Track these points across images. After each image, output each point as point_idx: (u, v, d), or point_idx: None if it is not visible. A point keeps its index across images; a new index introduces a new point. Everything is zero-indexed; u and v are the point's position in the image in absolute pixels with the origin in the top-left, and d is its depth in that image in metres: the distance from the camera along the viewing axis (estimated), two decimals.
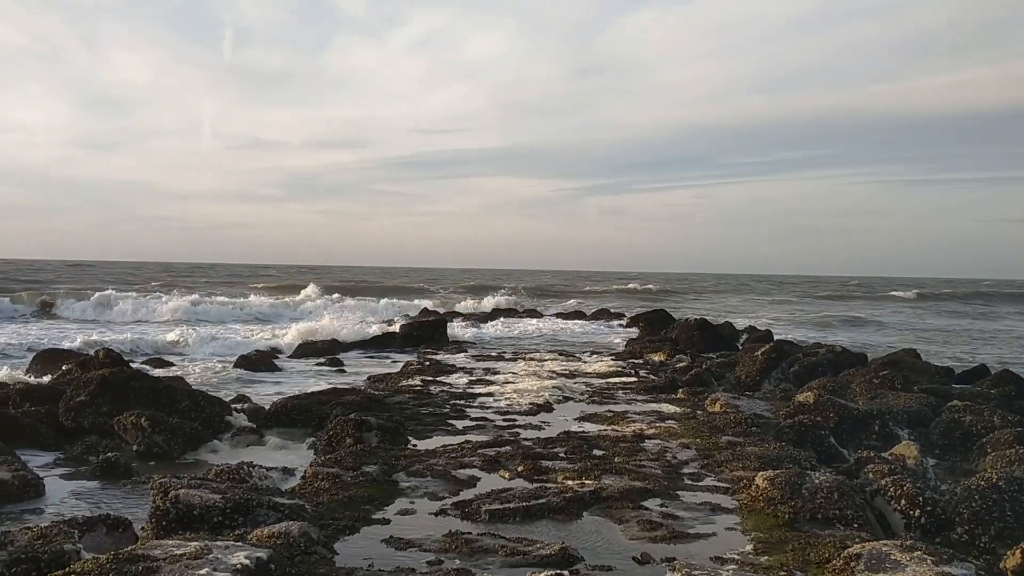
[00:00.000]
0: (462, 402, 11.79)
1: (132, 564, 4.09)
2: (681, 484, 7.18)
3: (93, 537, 5.37)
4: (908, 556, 4.61)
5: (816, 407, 9.89)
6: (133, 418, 8.98)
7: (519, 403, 11.63)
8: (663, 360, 18.19)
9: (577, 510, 6.27)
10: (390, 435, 8.81)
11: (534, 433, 9.53)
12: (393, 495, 6.70)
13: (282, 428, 10.06)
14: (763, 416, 10.46)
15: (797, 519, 5.92)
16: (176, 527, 5.30)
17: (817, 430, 9.00)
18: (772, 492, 6.19)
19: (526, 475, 7.38)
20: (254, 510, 5.56)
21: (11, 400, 10.36)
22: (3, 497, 6.80)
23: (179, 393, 10.17)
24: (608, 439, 9.06)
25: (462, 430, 9.70)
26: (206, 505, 5.46)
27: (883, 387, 11.94)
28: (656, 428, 9.85)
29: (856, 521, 5.87)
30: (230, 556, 4.31)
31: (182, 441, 8.97)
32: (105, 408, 9.56)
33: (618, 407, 11.57)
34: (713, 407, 11.22)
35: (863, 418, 9.75)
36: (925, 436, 9.69)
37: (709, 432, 9.45)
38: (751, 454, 7.98)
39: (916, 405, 10.71)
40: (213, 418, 9.72)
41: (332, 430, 8.84)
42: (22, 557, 4.49)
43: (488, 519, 6.01)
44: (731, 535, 5.78)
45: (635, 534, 5.76)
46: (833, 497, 6.03)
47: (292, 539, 4.98)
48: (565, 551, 5.15)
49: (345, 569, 4.83)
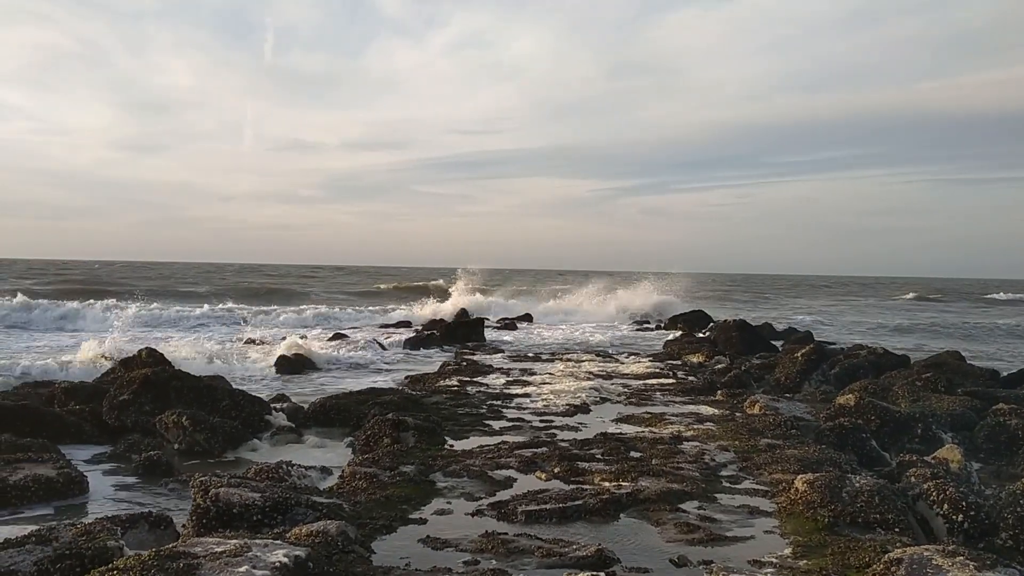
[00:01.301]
0: (499, 403, 11.81)
1: (173, 561, 4.15)
2: (719, 487, 7.13)
3: (135, 534, 5.45)
4: (950, 561, 4.53)
5: (857, 410, 9.75)
6: (175, 417, 9.11)
7: (556, 404, 11.61)
8: (701, 361, 18.07)
9: (614, 512, 6.25)
10: (427, 435, 8.84)
11: (571, 434, 9.51)
12: (430, 495, 6.72)
13: (321, 427, 10.15)
14: (803, 418, 10.34)
15: (837, 523, 5.85)
16: (216, 525, 5.37)
17: (858, 433, 8.87)
18: (812, 495, 6.11)
19: (562, 476, 7.37)
20: (292, 509, 5.62)
21: (56, 398, 10.57)
22: (48, 494, 6.93)
23: (220, 392, 10.30)
24: (645, 441, 9.02)
25: (499, 431, 9.72)
26: (245, 503, 5.52)
27: (926, 389, 11.73)
28: (694, 430, 9.78)
29: (897, 525, 5.77)
30: (269, 554, 4.35)
31: (222, 440, 9.08)
32: (147, 407, 9.72)
33: (655, 408, 11.51)
34: (752, 409, 11.12)
35: (905, 421, 9.60)
36: (969, 440, 9.51)
37: (748, 434, 9.36)
38: (790, 457, 7.90)
39: (960, 408, 10.51)
40: (253, 417, 9.83)
41: (370, 430, 8.90)
42: (66, 553, 4.58)
43: (524, 520, 6.01)
44: (769, 538, 5.73)
45: (672, 536, 5.73)
46: (874, 501, 5.95)
47: (330, 538, 5.02)
48: (601, 552, 5.14)
49: (382, 568, 4.86)
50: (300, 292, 51.30)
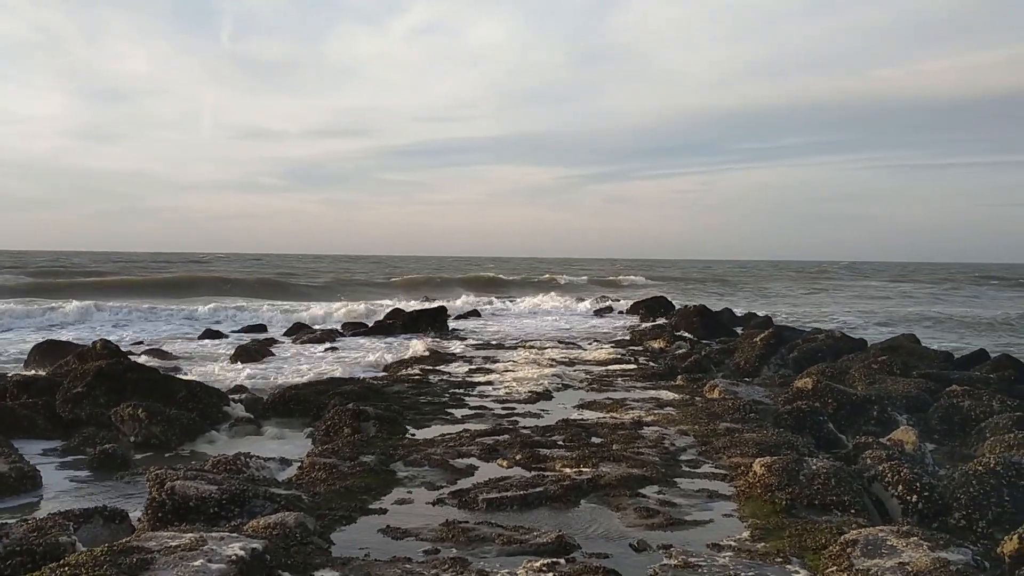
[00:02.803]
0: (461, 391, 11.79)
1: (126, 556, 4.08)
2: (679, 471, 7.18)
3: (89, 529, 5.36)
4: (904, 542, 4.60)
5: (814, 393, 9.87)
6: (130, 409, 8.97)
7: (518, 391, 11.62)
8: (663, 347, 18.18)
9: (575, 498, 6.27)
10: (388, 425, 8.80)
11: (533, 421, 9.52)
12: (390, 485, 6.69)
13: (280, 418, 10.06)
14: (762, 402, 10.45)
15: (794, 505, 5.91)
16: (172, 518, 5.30)
17: (815, 416, 8.98)
18: (769, 478, 6.17)
19: (524, 463, 7.37)
20: (250, 501, 5.56)
21: (8, 392, 10.34)
22: (0, 490, 6.79)
23: (176, 384, 10.15)
24: (606, 426, 9.05)
25: (461, 419, 9.70)
26: (202, 496, 5.45)
27: (882, 372, 11.92)
28: (655, 415, 9.84)
29: (853, 507, 5.85)
30: (225, 547, 4.30)
31: (179, 432, 8.95)
32: (102, 399, 9.55)
33: (617, 394, 11.56)
34: (712, 393, 11.21)
35: (861, 404, 9.73)
36: (924, 421, 9.68)
37: (707, 419, 9.43)
38: (749, 440, 7.97)
39: (915, 390, 10.70)
40: (211, 408, 9.71)
41: (330, 420, 8.83)
42: (17, 550, 4.49)
43: (485, 508, 6.00)
44: (728, 522, 5.78)
45: (632, 521, 5.75)
46: (830, 483, 6.02)
47: (288, 530, 4.97)
48: (562, 539, 5.15)
49: (341, 559, 4.82)
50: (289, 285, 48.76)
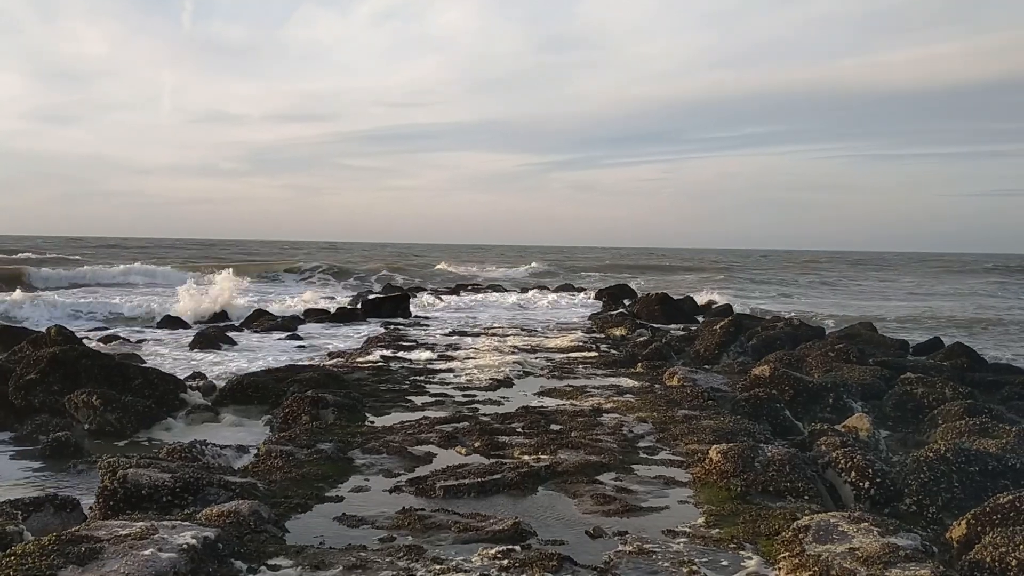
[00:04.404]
0: (422, 378, 11.75)
1: (74, 545, 4.02)
2: (636, 458, 7.22)
3: (40, 518, 5.27)
4: (855, 527, 4.67)
5: (772, 380, 9.98)
6: (85, 396, 8.83)
7: (479, 379, 11.60)
8: (624, 334, 18.27)
9: (532, 485, 6.28)
10: (347, 412, 8.75)
11: (493, 408, 9.52)
12: (347, 472, 6.65)
13: (238, 405, 9.94)
14: (720, 390, 10.54)
15: (749, 492, 5.97)
16: (124, 507, 5.22)
17: (772, 403, 9.08)
18: (725, 465, 6.23)
19: (483, 451, 7.37)
20: (204, 489, 5.49)
21: None
22: None
23: (132, 371, 10.01)
24: (566, 414, 9.08)
25: (421, 406, 9.66)
26: (155, 484, 5.37)
27: (838, 360, 12.09)
28: (614, 402, 9.89)
29: (807, 493, 5.93)
30: (176, 536, 4.25)
31: (135, 419, 8.83)
32: (56, 386, 9.38)
33: (577, 382, 11.60)
34: (671, 381, 11.28)
35: (818, 391, 9.86)
36: (879, 408, 9.83)
37: (666, 406, 9.50)
38: (706, 427, 8.04)
39: (870, 378, 10.86)
40: (167, 395, 9.59)
41: (288, 407, 8.76)
42: None
43: (443, 495, 5.99)
44: (684, 508, 5.82)
45: (589, 508, 5.78)
46: (785, 470, 6.10)
47: (242, 518, 4.92)
48: (518, 526, 5.15)
49: (295, 547, 4.78)
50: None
